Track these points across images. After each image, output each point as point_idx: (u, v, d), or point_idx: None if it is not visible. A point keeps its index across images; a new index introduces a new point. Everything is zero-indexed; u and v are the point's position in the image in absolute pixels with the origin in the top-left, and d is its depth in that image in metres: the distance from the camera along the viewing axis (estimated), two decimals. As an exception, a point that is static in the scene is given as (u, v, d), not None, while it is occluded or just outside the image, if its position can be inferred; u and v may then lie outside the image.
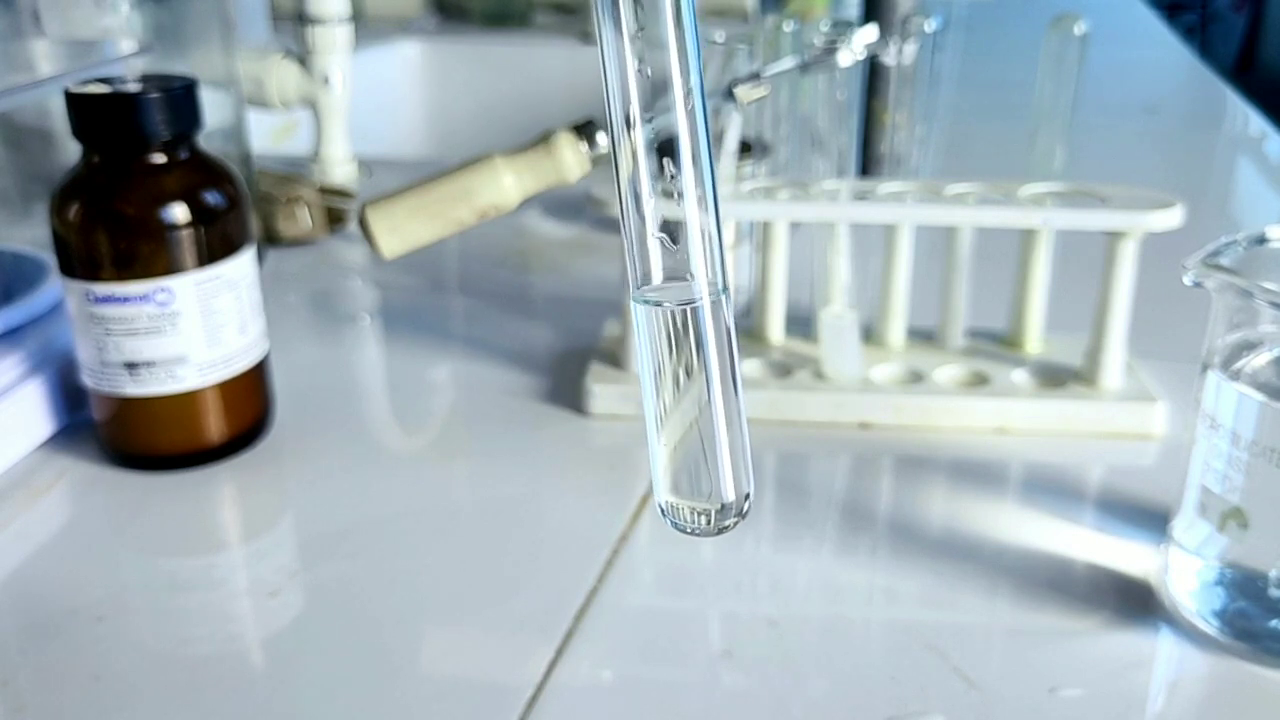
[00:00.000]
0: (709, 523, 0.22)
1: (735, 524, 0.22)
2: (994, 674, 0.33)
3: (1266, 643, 0.33)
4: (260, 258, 0.55)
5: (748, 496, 0.22)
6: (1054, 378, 0.48)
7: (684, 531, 0.22)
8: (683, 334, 0.21)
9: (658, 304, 0.20)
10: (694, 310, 0.20)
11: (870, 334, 0.51)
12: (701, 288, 0.20)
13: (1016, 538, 0.39)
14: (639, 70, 0.19)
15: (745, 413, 0.21)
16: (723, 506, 0.21)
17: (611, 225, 0.66)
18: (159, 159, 0.42)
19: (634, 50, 0.19)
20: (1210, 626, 0.34)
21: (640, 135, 0.20)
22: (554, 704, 0.32)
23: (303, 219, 0.69)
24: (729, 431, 0.21)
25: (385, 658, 0.34)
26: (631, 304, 0.21)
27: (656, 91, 0.20)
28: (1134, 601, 0.36)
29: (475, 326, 0.58)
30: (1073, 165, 0.52)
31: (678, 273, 0.20)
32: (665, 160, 0.20)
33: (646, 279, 0.20)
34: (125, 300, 0.41)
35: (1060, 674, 0.33)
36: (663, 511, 0.22)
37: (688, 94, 0.19)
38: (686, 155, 0.20)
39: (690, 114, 0.20)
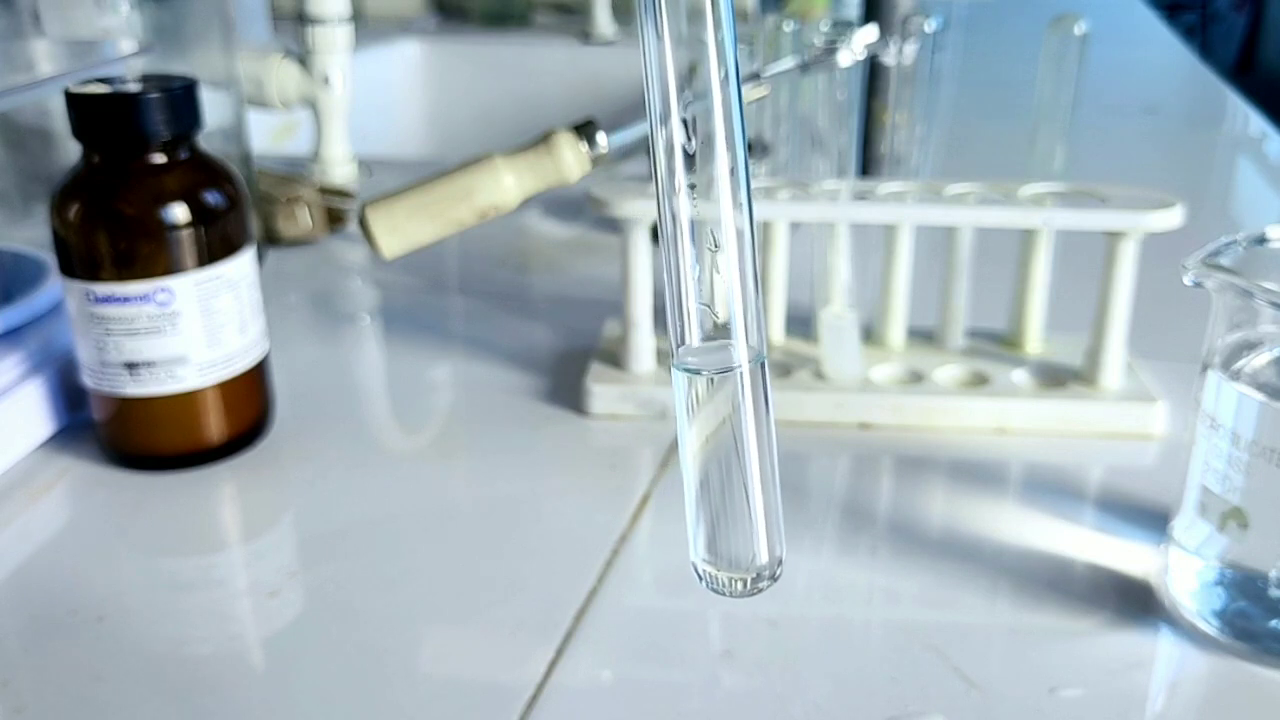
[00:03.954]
0: (745, 587, 0.22)
1: (768, 586, 0.22)
2: (994, 674, 0.33)
3: (1266, 643, 0.33)
4: (260, 258, 0.55)
5: (780, 560, 0.22)
6: (1054, 378, 0.48)
7: (719, 594, 0.22)
8: (720, 398, 0.21)
9: (696, 371, 0.21)
10: (734, 378, 0.21)
11: (870, 334, 0.51)
12: (741, 353, 0.21)
13: (1016, 538, 0.39)
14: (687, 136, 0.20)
15: (779, 475, 0.22)
16: (758, 573, 0.22)
17: (612, 225, 0.66)
18: (159, 159, 0.42)
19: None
20: (1210, 626, 0.34)
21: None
22: (554, 704, 0.32)
23: (303, 219, 0.69)
24: (764, 497, 0.22)
25: (385, 658, 0.34)
26: (671, 369, 0.21)
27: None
28: (1134, 601, 0.36)
29: (475, 326, 0.58)
30: (1073, 165, 0.52)
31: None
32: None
33: (684, 323, 0.21)
34: (125, 300, 0.41)
35: (1060, 674, 0.33)
36: (699, 575, 0.22)
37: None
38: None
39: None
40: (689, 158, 0.20)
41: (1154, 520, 0.40)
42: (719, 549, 0.22)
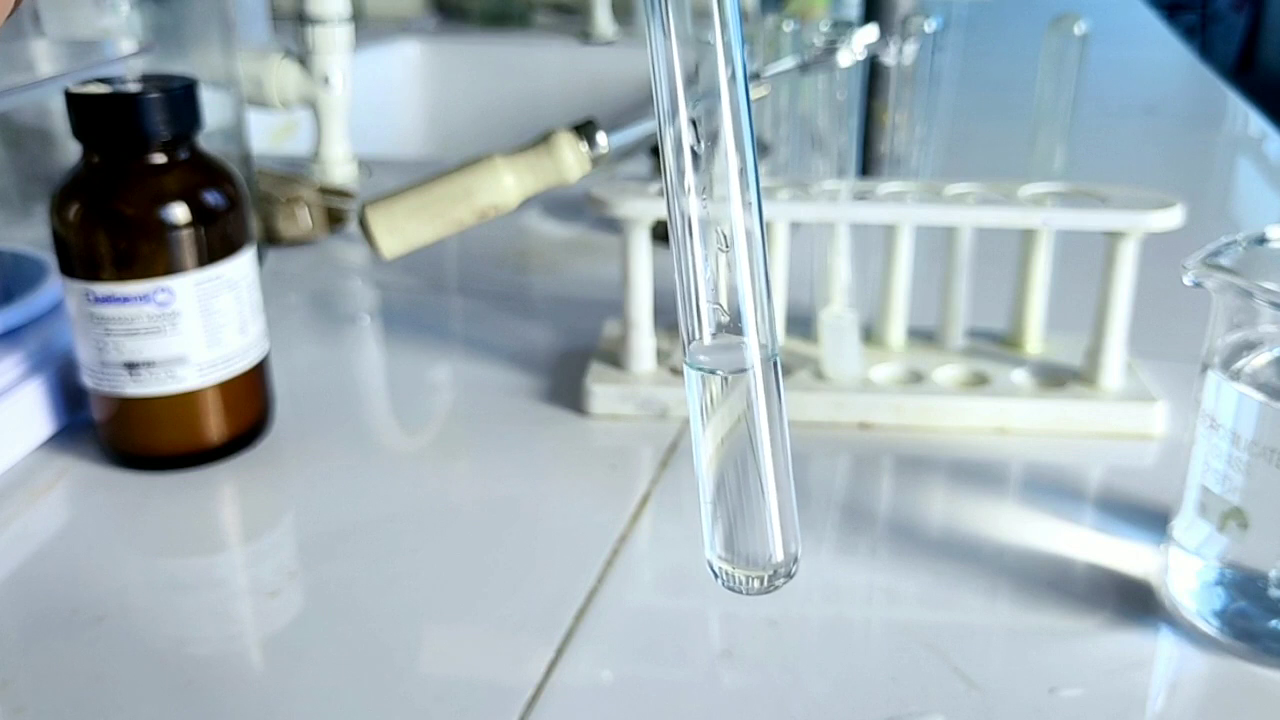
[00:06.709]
0: (762, 585, 0.22)
1: (784, 583, 0.22)
2: (994, 674, 0.33)
3: (1266, 643, 0.33)
4: (260, 258, 0.55)
5: (796, 558, 0.22)
6: (1054, 378, 0.48)
7: (736, 591, 0.22)
8: (735, 396, 0.21)
9: (711, 371, 0.21)
10: (748, 376, 0.21)
11: (870, 334, 0.51)
12: (753, 352, 0.21)
13: (1016, 538, 0.39)
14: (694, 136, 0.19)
15: (792, 472, 0.22)
16: (774, 571, 0.22)
17: (612, 225, 0.66)
18: (159, 159, 0.42)
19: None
20: (1210, 626, 0.34)
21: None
22: (554, 704, 0.32)
23: (303, 219, 0.69)
24: (779, 495, 0.22)
25: (385, 658, 0.34)
26: (685, 367, 0.21)
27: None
28: (1134, 601, 0.36)
29: (475, 326, 0.58)
30: (1073, 165, 0.52)
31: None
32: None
33: (696, 320, 0.21)
34: (125, 300, 0.41)
35: (1060, 674, 0.33)
36: (714, 573, 0.22)
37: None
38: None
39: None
40: (697, 157, 0.20)
41: (1154, 520, 0.40)
42: (736, 547, 0.22)
